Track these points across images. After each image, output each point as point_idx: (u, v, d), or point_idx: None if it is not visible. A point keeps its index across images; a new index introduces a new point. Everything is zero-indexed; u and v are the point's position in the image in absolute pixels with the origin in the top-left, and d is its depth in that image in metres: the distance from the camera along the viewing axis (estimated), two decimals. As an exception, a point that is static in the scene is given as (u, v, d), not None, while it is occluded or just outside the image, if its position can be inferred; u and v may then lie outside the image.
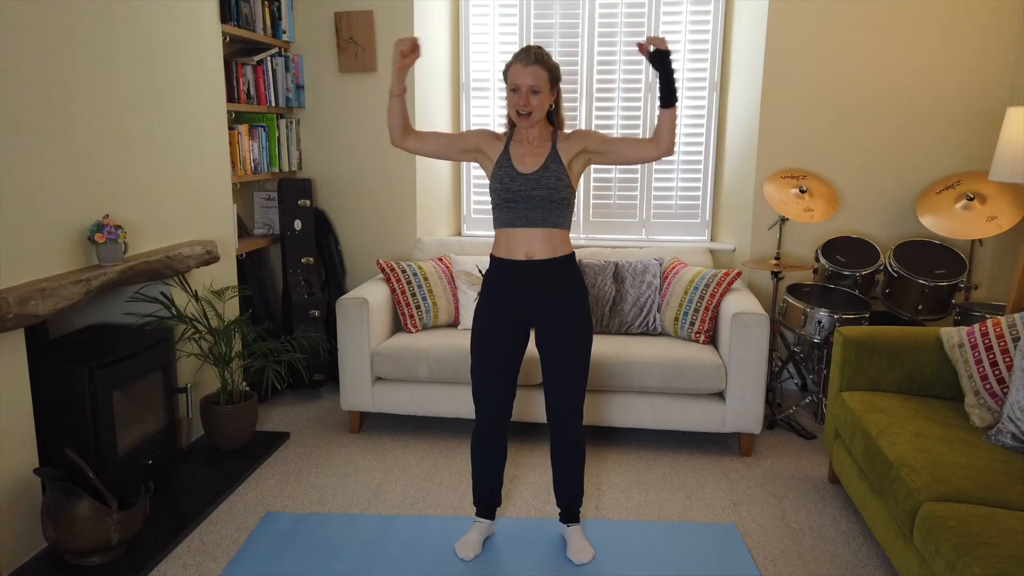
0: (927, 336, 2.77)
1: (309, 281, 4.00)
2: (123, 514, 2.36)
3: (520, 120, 2.29)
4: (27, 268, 2.35)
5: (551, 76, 2.27)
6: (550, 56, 2.30)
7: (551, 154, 2.33)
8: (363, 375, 3.39)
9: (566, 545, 2.53)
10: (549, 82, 2.27)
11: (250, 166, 3.74)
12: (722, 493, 2.94)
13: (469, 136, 2.45)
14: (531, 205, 2.30)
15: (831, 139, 3.80)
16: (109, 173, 2.72)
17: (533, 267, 2.34)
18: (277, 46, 3.89)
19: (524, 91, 2.24)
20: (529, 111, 2.26)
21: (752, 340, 3.12)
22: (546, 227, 2.32)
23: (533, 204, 2.30)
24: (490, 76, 4.29)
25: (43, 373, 2.48)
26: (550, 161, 2.32)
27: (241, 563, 2.44)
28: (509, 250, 2.36)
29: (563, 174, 2.32)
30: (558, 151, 2.34)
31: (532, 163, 2.32)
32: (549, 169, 2.31)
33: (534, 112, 2.26)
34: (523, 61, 2.24)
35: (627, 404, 3.27)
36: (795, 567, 2.45)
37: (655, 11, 4.07)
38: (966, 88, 3.67)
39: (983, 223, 3.37)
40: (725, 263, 4.10)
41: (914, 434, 2.36)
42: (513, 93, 2.27)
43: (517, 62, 2.25)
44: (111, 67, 2.70)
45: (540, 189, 2.29)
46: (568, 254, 2.38)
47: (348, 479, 3.05)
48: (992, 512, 1.91)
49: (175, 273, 2.95)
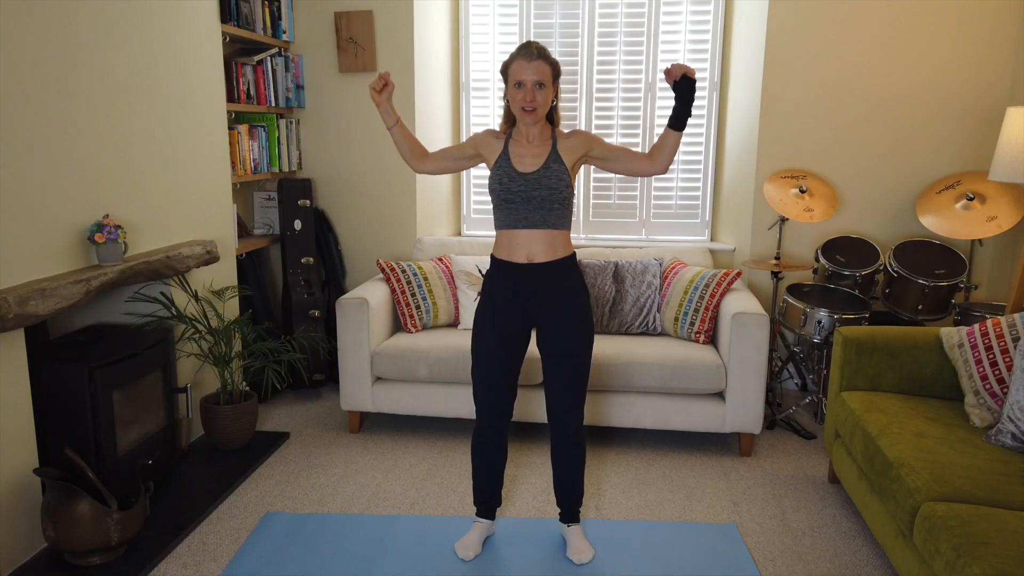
0: (927, 336, 2.77)
1: (309, 281, 3.99)
2: (123, 514, 2.36)
3: (525, 116, 2.27)
4: (27, 268, 2.35)
5: (554, 71, 2.27)
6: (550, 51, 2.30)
7: (552, 153, 2.31)
8: (363, 375, 3.39)
9: (566, 545, 2.53)
10: (552, 77, 2.27)
11: (250, 166, 3.74)
12: (722, 493, 2.94)
13: (467, 144, 2.46)
14: (532, 206, 2.29)
15: (831, 139, 3.80)
16: (109, 173, 2.71)
17: (534, 269, 2.33)
18: (277, 46, 3.89)
19: (529, 86, 2.22)
20: (535, 107, 2.24)
21: (752, 340, 3.12)
22: (547, 228, 2.31)
23: (534, 205, 2.29)
24: (490, 76, 4.28)
25: (43, 373, 2.48)
26: (551, 160, 2.30)
27: (241, 563, 2.44)
28: (510, 252, 2.35)
29: (564, 173, 2.31)
30: (559, 151, 2.32)
31: (532, 163, 2.31)
32: (551, 169, 2.29)
33: (539, 108, 2.26)
34: (526, 57, 2.22)
35: (627, 404, 3.27)
36: (795, 567, 2.45)
37: (655, 11, 4.06)
38: (966, 88, 3.67)
39: (983, 223, 3.37)
40: (725, 263, 4.10)
41: (914, 434, 2.36)
42: (517, 89, 2.25)
43: (520, 58, 2.24)
44: (111, 67, 2.69)
45: (541, 189, 2.28)
46: (569, 255, 2.37)
47: (348, 479, 3.05)
48: (992, 512, 1.91)
49: (175, 273, 2.95)
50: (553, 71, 2.26)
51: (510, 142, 2.37)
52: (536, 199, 2.28)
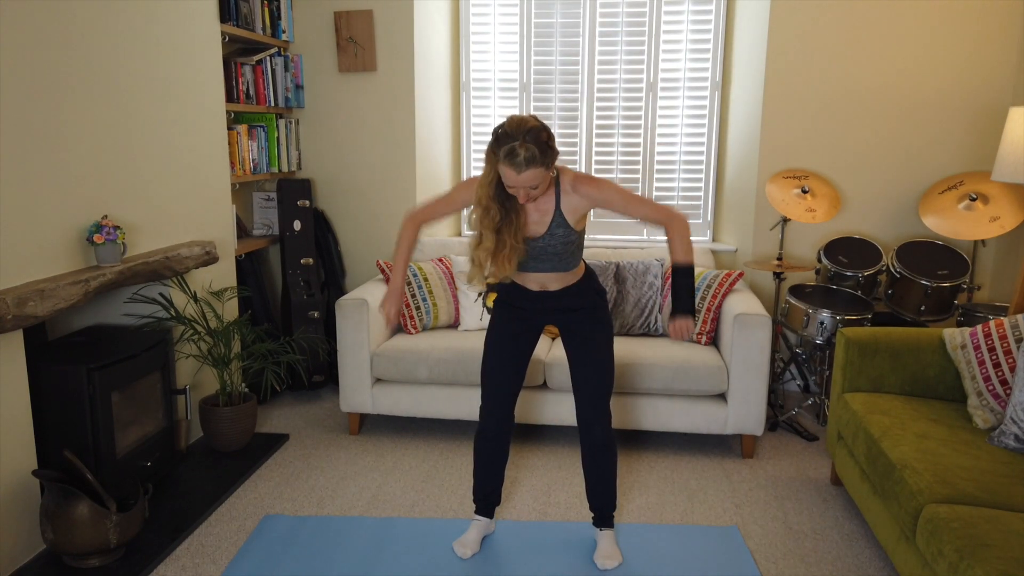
0: (930, 337, 2.76)
1: (308, 282, 3.98)
2: (122, 516, 2.35)
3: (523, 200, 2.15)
4: (25, 269, 2.34)
5: (547, 166, 2.07)
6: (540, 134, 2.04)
7: (555, 217, 2.21)
8: (363, 376, 3.38)
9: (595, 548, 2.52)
10: (547, 170, 2.08)
11: (249, 166, 3.73)
12: (724, 495, 2.93)
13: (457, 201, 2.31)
14: (540, 259, 2.28)
15: (833, 139, 3.79)
16: (108, 173, 2.71)
17: (549, 295, 2.36)
18: (276, 46, 3.88)
19: (522, 190, 2.09)
20: (531, 200, 2.14)
21: (754, 341, 3.11)
22: (559, 271, 2.32)
23: (543, 259, 2.28)
24: (490, 76, 4.27)
25: (42, 374, 2.47)
26: (555, 226, 2.22)
27: (240, 565, 2.43)
28: (523, 280, 2.36)
29: (571, 234, 2.24)
30: (563, 212, 2.21)
31: (535, 227, 2.23)
32: (555, 235, 2.22)
33: (537, 197, 2.15)
34: (515, 167, 2.02)
35: (628, 406, 3.25)
36: (797, 569, 2.43)
37: (656, 11, 4.05)
38: (969, 88, 3.65)
39: (986, 223, 3.35)
40: (727, 264, 4.09)
41: (917, 436, 2.34)
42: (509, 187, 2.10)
43: (509, 166, 2.03)
44: (110, 67, 2.69)
45: (548, 250, 2.25)
46: (582, 276, 2.38)
47: (347, 481, 3.04)
48: (995, 514, 1.90)
49: (174, 274, 2.94)
50: (547, 166, 2.06)
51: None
52: (543, 256, 2.27)
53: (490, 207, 2.18)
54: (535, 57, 4.20)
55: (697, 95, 4.12)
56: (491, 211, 2.18)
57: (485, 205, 2.18)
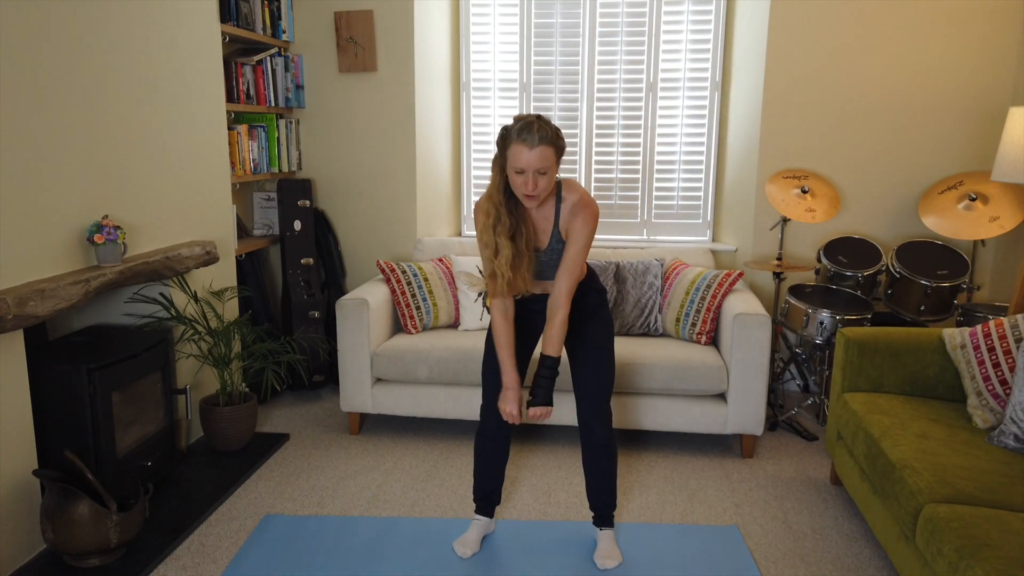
0: (929, 337, 2.76)
1: (309, 282, 3.99)
2: (122, 516, 2.35)
3: (526, 200, 2.16)
4: (26, 269, 2.34)
5: (558, 152, 2.11)
6: (550, 123, 2.11)
7: (554, 232, 2.26)
8: (363, 376, 3.38)
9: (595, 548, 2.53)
10: (556, 158, 2.11)
11: (249, 166, 3.73)
12: (723, 495, 2.93)
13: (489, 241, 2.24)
14: (548, 268, 2.32)
15: (833, 139, 3.79)
16: (108, 173, 2.71)
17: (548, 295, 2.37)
18: (277, 46, 3.88)
19: (531, 174, 2.08)
20: (537, 193, 2.13)
21: (754, 341, 3.11)
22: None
23: (543, 267, 2.32)
24: (490, 76, 4.28)
25: (42, 374, 2.47)
26: (555, 242, 2.27)
27: (240, 565, 2.43)
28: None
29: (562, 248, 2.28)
30: (560, 230, 2.26)
31: (542, 236, 2.28)
32: (555, 250, 2.28)
33: (541, 194, 2.14)
34: (527, 142, 2.05)
35: (628, 405, 3.26)
36: (797, 569, 2.44)
37: (656, 11, 4.05)
38: (968, 88, 3.66)
39: (985, 223, 3.35)
40: (727, 264, 4.09)
41: (916, 435, 2.35)
42: (517, 174, 2.10)
43: (520, 142, 2.06)
44: (110, 67, 2.69)
45: (551, 264, 2.29)
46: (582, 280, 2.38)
47: (348, 481, 3.04)
48: (995, 514, 1.90)
49: (174, 274, 2.94)
50: (557, 152, 2.11)
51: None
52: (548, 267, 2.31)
53: (501, 213, 2.20)
54: (535, 57, 4.20)
55: (697, 95, 4.13)
56: (503, 217, 2.20)
57: (496, 212, 2.21)
